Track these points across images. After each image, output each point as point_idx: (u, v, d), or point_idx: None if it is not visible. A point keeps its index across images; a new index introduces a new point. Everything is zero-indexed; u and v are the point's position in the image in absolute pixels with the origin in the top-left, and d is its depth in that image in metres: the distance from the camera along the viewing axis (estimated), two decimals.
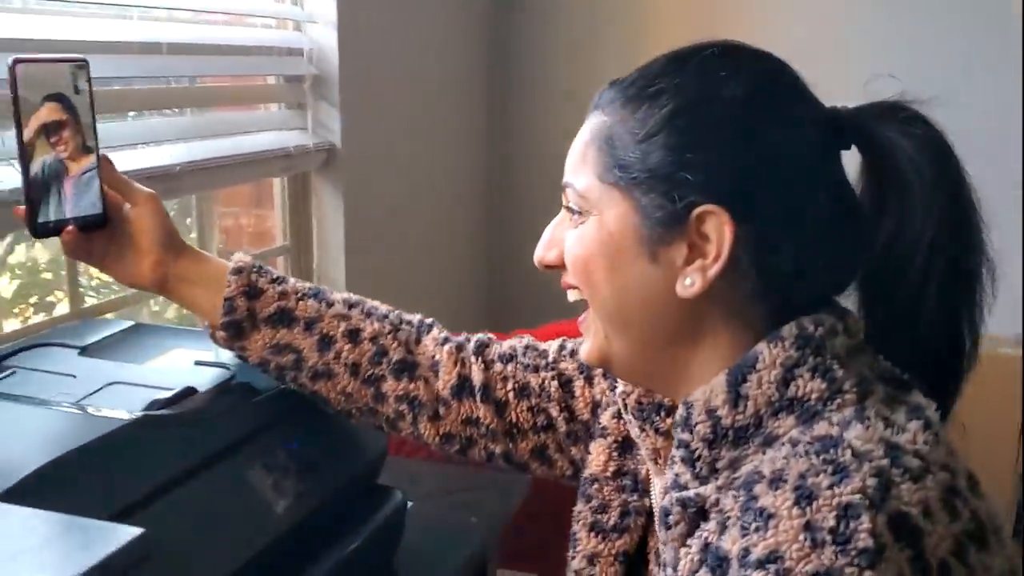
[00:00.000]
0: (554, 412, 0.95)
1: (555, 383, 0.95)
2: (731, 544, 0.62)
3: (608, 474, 0.89)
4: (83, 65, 0.92)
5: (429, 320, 1.03)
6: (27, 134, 0.87)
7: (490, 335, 1.02)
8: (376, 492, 1.10)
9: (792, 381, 0.68)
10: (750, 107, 0.71)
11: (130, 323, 1.17)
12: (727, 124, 0.70)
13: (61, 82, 0.90)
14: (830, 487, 0.60)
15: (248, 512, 0.91)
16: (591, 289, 0.76)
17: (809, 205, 0.71)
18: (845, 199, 0.74)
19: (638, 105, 0.73)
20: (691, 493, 0.70)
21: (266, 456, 0.95)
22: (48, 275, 2.12)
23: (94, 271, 2.07)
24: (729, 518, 0.64)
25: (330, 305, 0.98)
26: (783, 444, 0.66)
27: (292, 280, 0.99)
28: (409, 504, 1.12)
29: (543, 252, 0.80)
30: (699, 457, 0.70)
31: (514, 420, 0.96)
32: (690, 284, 0.70)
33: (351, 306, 0.99)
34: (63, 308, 1.54)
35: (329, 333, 0.97)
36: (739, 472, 0.68)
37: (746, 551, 0.60)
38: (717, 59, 0.73)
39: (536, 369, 0.97)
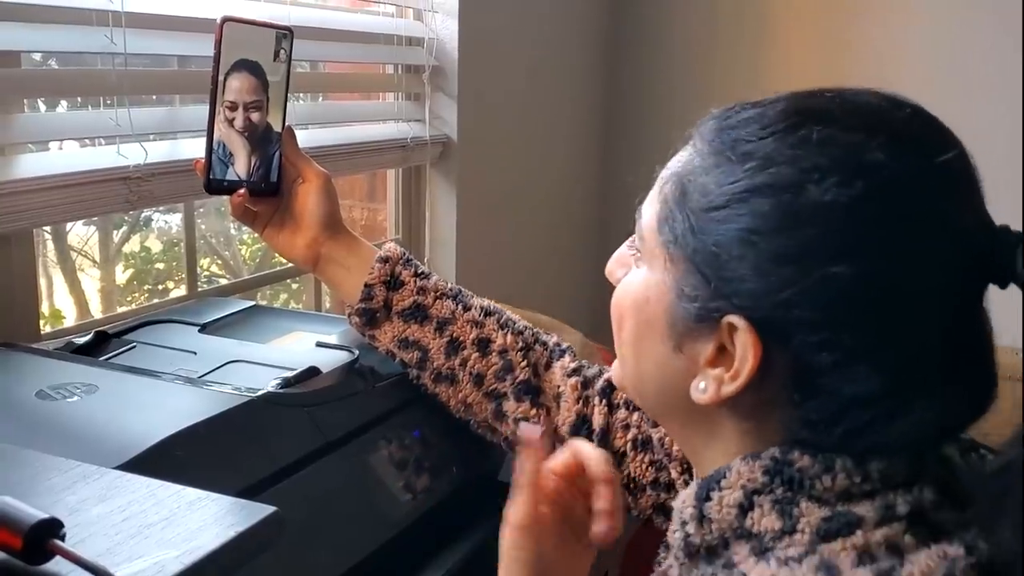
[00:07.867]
0: (675, 473, 0.87)
1: None
2: None
3: None
4: (287, 35, 0.91)
5: (564, 345, 0.97)
6: (219, 93, 0.88)
7: None
8: (500, 489, 1.03)
9: (750, 511, 0.57)
10: (850, 216, 0.54)
11: (249, 303, 1.15)
12: (805, 228, 0.54)
13: (263, 47, 0.90)
14: None
15: (370, 501, 0.87)
16: (618, 339, 0.67)
17: (897, 355, 0.54)
18: (965, 351, 0.56)
19: (723, 160, 0.59)
20: None
21: (390, 443, 0.92)
22: (160, 265, 2.14)
23: (204, 263, 2.10)
24: None
25: (467, 309, 0.94)
26: None
27: (436, 277, 0.96)
28: None
29: (611, 266, 0.69)
30: (683, 564, 0.62)
31: (632, 474, 0.89)
32: (703, 390, 0.59)
33: (488, 314, 0.95)
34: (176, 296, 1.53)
35: (459, 338, 0.93)
36: None
37: None
38: (835, 128, 0.56)
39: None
